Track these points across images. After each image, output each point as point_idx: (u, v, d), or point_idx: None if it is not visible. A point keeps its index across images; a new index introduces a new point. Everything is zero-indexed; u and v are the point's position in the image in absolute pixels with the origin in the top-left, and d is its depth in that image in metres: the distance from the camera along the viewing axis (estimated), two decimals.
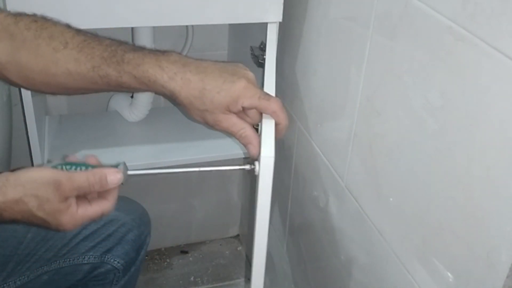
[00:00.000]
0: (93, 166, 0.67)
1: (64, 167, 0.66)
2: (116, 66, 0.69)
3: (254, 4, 0.93)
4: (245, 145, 0.71)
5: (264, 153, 0.65)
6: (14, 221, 0.63)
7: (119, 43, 0.71)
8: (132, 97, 1.26)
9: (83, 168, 0.66)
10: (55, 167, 0.66)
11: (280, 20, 0.96)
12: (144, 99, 1.22)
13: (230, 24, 1.32)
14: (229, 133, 0.71)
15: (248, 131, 0.70)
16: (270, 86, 0.78)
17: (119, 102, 1.29)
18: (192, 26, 1.23)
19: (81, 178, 0.63)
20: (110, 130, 1.22)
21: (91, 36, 0.72)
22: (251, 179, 1.44)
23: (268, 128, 0.69)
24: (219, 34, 1.35)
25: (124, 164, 0.68)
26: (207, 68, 0.69)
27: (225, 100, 0.68)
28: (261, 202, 0.66)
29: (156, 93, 0.72)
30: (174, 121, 1.26)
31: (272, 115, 0.70)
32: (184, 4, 0.90)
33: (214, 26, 0.98)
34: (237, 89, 0.68)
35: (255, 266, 0.69)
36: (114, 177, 0.65)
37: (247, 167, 0.69)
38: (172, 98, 0.70)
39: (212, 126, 0.71)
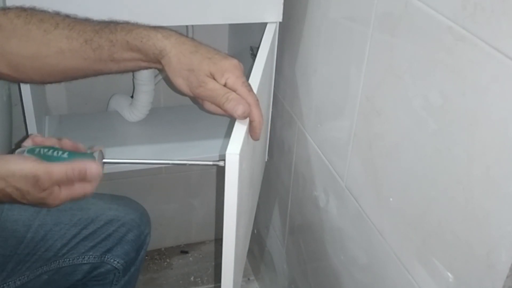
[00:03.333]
0: (70, 153, 0.67)
1: (41, 150, 0.67)
2: (108, 35, 0.70)
3: (254, 4, 0.93)
4: (231, 109, 0.66)
5: (229, 150, 0.62)
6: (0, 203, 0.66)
7: (110, 20, 0.72)
8: (132, 97, 1.27)
9: (60, 153, 0.67)
10: (32, 150, 0.66)
11: (280, 20, 0.96)
12: (144, 99, 1.22)
13: (230, 24, 1.32)
14: (212, 98, 0.68)
15: (235, 94, 0.67)
16: (253, 83, 0.76)
17: (119, 102, 1.29)
18: (192, 26, 1.23)
19: (60, 172, 0.64)
20: (110, 130, 1.22)
21: (80, 18, 0.73)
22: None
23: (240, 125, 0.67)
24: (219, 34, 1.35)
25: (101, 151, 0.68)
26: (202, 44, 0.71)
27: (213, 67, 0.68)
28: (227, 200, 0.64)
29: (144, 59, 0.71)
30: (174, 121, 1.26)
31: None
32: (184, 4, 0.90)
33: (214, 26, 0.98)
34: (227, 63, 0.69)
35: (224, 267, 0.67)
36: (94, 171, 0.65)
37: (219, 163, 0.68)
38: (159, 57, 0.69)
39: (194, 90, 0.69)
